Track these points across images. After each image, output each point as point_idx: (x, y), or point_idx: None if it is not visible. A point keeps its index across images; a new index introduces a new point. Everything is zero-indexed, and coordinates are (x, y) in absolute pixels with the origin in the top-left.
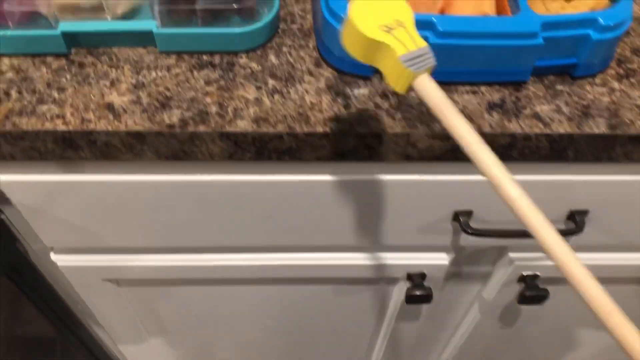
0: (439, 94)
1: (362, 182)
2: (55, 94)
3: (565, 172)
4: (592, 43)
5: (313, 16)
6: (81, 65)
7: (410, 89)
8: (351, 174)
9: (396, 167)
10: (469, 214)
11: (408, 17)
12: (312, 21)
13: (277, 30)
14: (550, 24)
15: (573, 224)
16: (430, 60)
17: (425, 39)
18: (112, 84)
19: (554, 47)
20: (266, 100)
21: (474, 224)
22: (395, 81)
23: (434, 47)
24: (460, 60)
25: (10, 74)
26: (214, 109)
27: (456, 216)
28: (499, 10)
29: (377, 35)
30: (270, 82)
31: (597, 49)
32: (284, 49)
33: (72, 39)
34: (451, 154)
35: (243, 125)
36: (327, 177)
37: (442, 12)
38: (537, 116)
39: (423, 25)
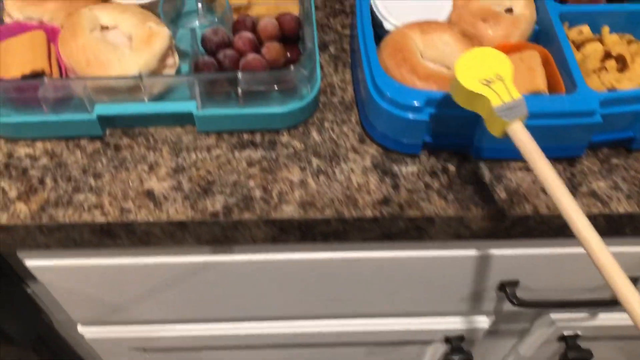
0: (529, 141)
1: (407, 257)
2: (92, 181)
3: (620, 244)
4: None
5: (354, 88)
6: (117, 147)
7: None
8: (397, 249)
9: (444, 243)
10: (515, 283)
11: (508, 72)
12: (354, 93)
13: (318, 104)
14: (608, 101)
15: None
16: (522, 110)
17: (480, 119)
18: (151, 168)
19: (611, 122)
20: (311, 182)
21: (520, 292)
22: (491, 127)
23: (487, 130)
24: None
25: (44, 160)
26: (258, 193)
27: (502, 286)
28: (552, 85)
29: (476, 89)
30: (315, 161)
31: None
32: (326, 124)
33: (108, 121)
34: (504, 232)
35: (289, 210)
36: (371, 254)
37: None
38: (594, 194)
39: None
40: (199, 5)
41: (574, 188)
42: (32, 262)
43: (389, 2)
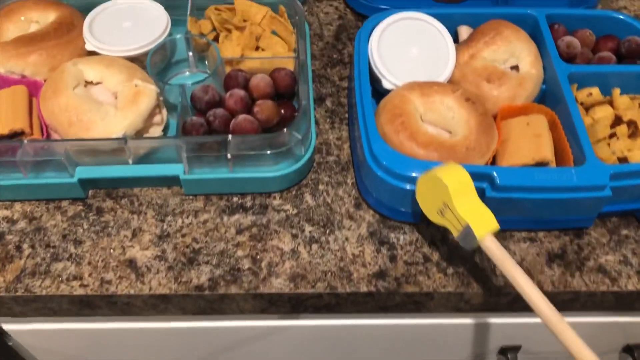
0: (500, 254)
1: (403, 325)
2: (72, 248)
3: (626, 315)
4: None
5: (351, 146)
6: (99, 211)
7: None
8: (393, 318)
9: (442, 314)
10: (517, 348)
11: (448, 197)
12: (350, 152)
13: (313, 164)
14: (619, 175)
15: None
16: (473, 240)
17: (482, 191)
18: (134, 234)
19: (621, 194)
20: (303, 252)
21: (522, 356)
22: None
23: (492, 201)
24: (518, 211)
25: (22, 224)
26: (246, 264)
27: (503, 350)
28: (559, 150)
29: (437, 220)
30: (307, 228)
31: None
32: (321, 186)
33: (91, 183)
34: (506, 305)
35: (278, 284)
36: (366, 322)
37: (495, 153)
38: (602, 269)
39: (481, 177)
40: (190, 54)
41: (580, 263)
42: (9, 326)
43: (387, 58)
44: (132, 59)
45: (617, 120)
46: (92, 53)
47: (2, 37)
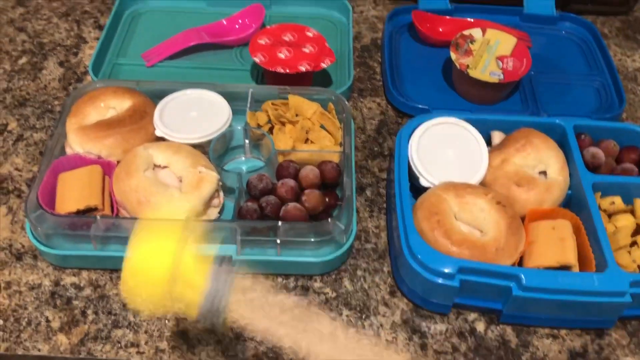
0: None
1: None
2: (131, 317)
3: None
4: None
5: (388, 235)
6: None
7: None
8: None
9: None
10: None
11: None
12: (387, 240)
13: (352, 251)
14: (639, 282)
15: None
16: None
17: (509, 289)
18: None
19: None
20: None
21: None
22: None
23: (518, 299)
24: (542, 309)
25: (88, 290)
26: (287, 342)
27: None
28: (582, 254)
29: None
30: (345, 312)
31: None
32: (359, 272)
33: None
34: None
35: None
36: None
37: (522, 254)
38: None
39: (508, 277)
40: (246, 142)
41: None
42: None
43: (425, 158)
44: (196, 146)
45: (638, 229)
46: (160, 138)
47: (84, 119)
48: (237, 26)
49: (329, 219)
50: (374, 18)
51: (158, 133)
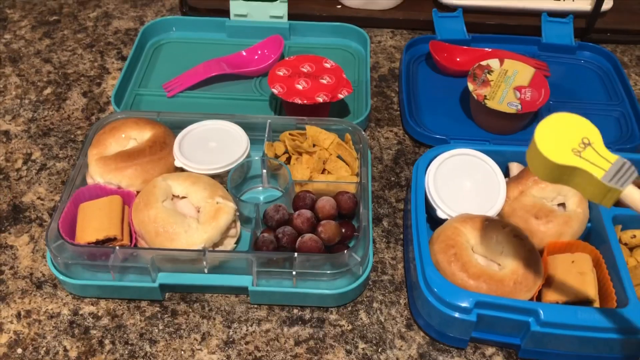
0: None
1: None
2: (147, 347)
3: None
4: None
5: (405, 266)
6: (174, 313)
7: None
8: None
9: None
10: None
11: (595, 135)
12: (404, 272)
13: (369, 282)
14: None
15: None
16: (633, 172)
17: (528, 325)
18: (203, 338)
19: None
20: None
21: None
22: (598, 198)
23: (536, 334)
24: (561, 345)
25: (105, 320)
26: None
27: None
28: (603, 292)
29: (570, 161)
30: (361, 345)
31: None
32: (375, 304)
33: (168, 288)
34: None
35: None
36: None
37: (540, 288)
38: None
39: (526, 312)
40: (264, 172)
41: None
42: None
43: (442, 190)
44: (215, 176)
45: None
46: (180, 169)
47: (106, 150)
48: (256, 57)
49: (345, 251)
50: (392, 48)
51: (177, 164)
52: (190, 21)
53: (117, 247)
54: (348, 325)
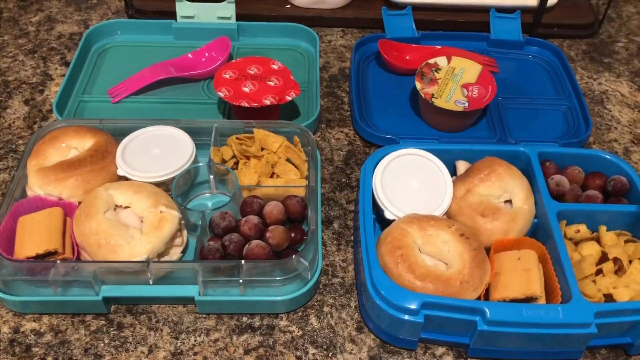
0: None
1: None
2: None
3: None
4: None
5: (355, 269)
6: (120, 326)
7: None
8: None
9: None
10: None
11: None
12: (355, 274)
13: (319, 286)
14: (604, 313)
15: None
16: None
17: (475, 324)
18: (150, 350)
19: (607, 330)
20: None
21: None
22: None
23: (483, 333)
24: (509, 342)
25: (48, 336)
26: None
27: None
28: (549, 288)
29: None
30: (311, 350)
31: None
32: (325, 308)
33: (113, 300)
34: None
35: None
36: None
37: (487, 286)
38: None
39: (473, 311)
40: (211, 177)
41: None
42: None
43: (390, 191)
44: (159, 184)
45: (604, 257)
46: (123, 178)
47: (45, 161)
48: (203, 59)
49: (293, 256)
50: (342, 47)
51: (120, 172)
52: (136, 24)
53: (58, 261)
54: (298, 331)
